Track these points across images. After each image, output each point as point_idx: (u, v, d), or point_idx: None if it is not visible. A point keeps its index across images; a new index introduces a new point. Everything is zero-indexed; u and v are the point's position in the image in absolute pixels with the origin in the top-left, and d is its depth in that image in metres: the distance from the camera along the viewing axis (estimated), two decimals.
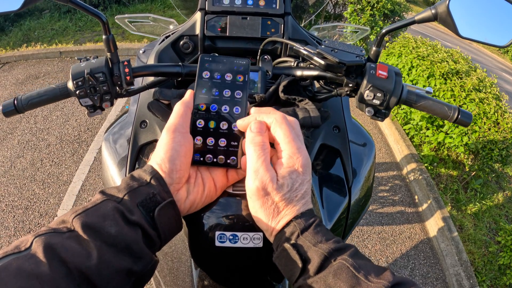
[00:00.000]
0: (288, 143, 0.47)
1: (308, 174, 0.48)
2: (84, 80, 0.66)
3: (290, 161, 0.47)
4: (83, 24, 6.07)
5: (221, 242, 0.56)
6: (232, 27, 0.87)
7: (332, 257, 0.43)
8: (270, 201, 0.47)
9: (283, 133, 0.48)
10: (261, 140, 0.48)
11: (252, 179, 0.47)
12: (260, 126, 0.49)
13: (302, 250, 0.44)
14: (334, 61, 0.66)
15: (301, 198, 0.47)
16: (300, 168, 0.47)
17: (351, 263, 0.41)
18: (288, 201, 0.47)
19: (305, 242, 0.45)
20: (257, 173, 0.46)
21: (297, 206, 0.47)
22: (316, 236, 0.45)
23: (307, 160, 0.48)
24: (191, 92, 0.55)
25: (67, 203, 2.73)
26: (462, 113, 0.69)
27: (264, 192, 0.46)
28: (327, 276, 0.41)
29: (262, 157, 0.47)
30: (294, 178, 0.47)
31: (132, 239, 0.42)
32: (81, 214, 0.42)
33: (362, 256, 0.45)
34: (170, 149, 0.49)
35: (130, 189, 0.46)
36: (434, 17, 0.65)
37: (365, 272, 0.41)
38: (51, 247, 0.37)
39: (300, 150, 0.48)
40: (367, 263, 0.42)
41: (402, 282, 0.40)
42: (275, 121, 0.49)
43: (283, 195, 0.46)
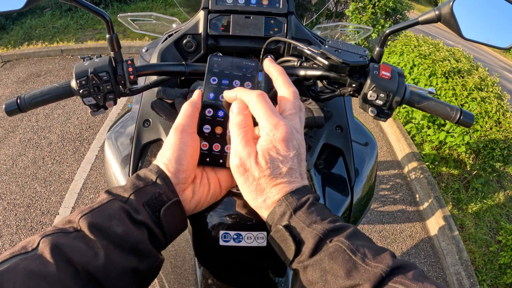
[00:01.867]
0: (266, 120, 0.45)
1: (292, 149, 0.45)
2: (88, 79, 0.66)
3: (267, 137, 0.45)
4: (84, 22, 6.06)
5: (225, 241, 0.56)
6: (235, 26, 0.87)
7: (327, 238, 0.41)
8: (251, 178, 0.46)
9: (259, 110, 0.46)
10: (241, 120, 0.48)
11: (232, 157, 0.47)
12: (240, 106, 0.49)
13: (296, 232, 0.43)
14: (337, 62, 0.66)
15: (287, 175, 0.45)
16: (279, 143, 0.45)
17: (348, 245, 0.40)
18: (269, 178, 0.45)
19: (298, 222, 0.43)
20: (236, 151, 0.46)
21: (283, 184, 0.45)
22: (310, 215, 0.43)
23: (289, 134, 0.45)
24: (199, 92, 0.55)
25: (69, 201, 2.74)
26: (464, 114, 0.69)
27: (244, 168, 0.46)
28: (322, 260, 0.40)
29: (241, 135, 0.47)
30: (273, 155, 0.45)
31: (138, 238, 0.43)
32: (87, 214, 0.42)
33: (361, 236, 0.43)
34: (177, 149, 0.49)
35: (136, 188, 0.46)
36: (438, 18, 0.65)
37: (362, 255, 0.39)
38: (58, 247, 0.38)
39: (279, 125, 0.45)
40: (366, 244, 0.41)
41: (402, 265, 0.39)
42: (250, 101, 0.47)
43: (262, 171, 0.45)
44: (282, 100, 0.50)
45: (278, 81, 0.52)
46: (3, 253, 0.37)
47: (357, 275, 0.38)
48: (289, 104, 0.49)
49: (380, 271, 0.37)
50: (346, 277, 0.38)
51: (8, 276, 0.34)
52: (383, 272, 0.37)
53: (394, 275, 0.38)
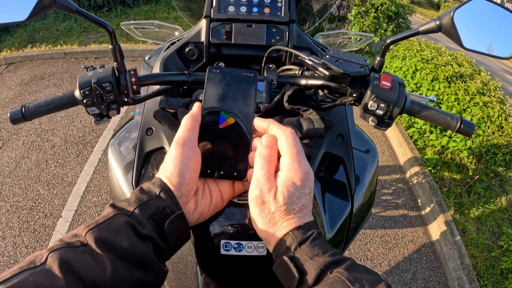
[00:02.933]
0: (290, 156, 0.49)
1: (307, 188, 0.49)
2: (91, 89, 0.67)
3: (289, 173, 0.48)
4: (87, 25, 6.09)
5: (226, 250, 0.57)
6: (237, 35, 0.88)
7: (328, 269, 0.44)
8: (266, 210, 0.48)
9: (287, 146, 0.49)
10: (268, 153, 0.50)
11: (253, 187, 0.49)
12: (270, 140, 0.51)
13: (299, 263, 0.45)
14: (338, 72, 0.66)
15: (299, 211, 0.48)
16: (298, 181, 0.48)
17: (346, 276, 0.42)
18: (284, 213, 0.48)
19: (302, 255, 0.46)
20: (258, 182, 0.49)
21: (294, 219, 0.48)
22: (313, 249, 0.46)
23: (307, 174, 0.49)
24: (198, 105, 0.55)
25: (72, 204, 2.75)
26: (465, 123, 0.70)
27: (262, 201, 0.48)
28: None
29: (265, 169, 0.49)
30: (291, 191, 0.48)
31: (143, 252, 0.44)
32: (93, 228, 0.43)
33: (359, 269, 0.45)
34: (179, 163, 0.50)
35: (140, 202, 0.47)
36: (439, 28, 0.65)
37: (360, 285, 0.41)
38: (66, 261, 0.38)
39: (301, 165, 0.49)
40: (363, 276, 0.43)
41: None
42: (283, 134, 0.51)
43: (279, 206, 0.47)
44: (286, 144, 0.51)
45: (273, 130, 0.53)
46: (11, 268, 0.38)
47: None
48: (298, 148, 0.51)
49: None
50: None
51: None
52: None
53: None
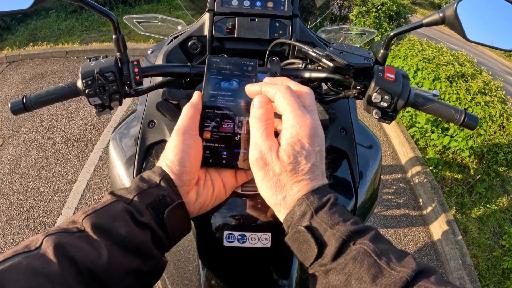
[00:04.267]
0: (291, 112, 0.44)
1: (316, 145, 0.44)
2: (94, 79, 0.66)
3: (293, 130, 0.43)
4: (89, 24, 6.10)
5: (230, 242, 0.56)
6: (241, 29, 0.87)
7: (351, 240, 0.40)
8: (271, 173, 0.44)
9: (285, 103, 0.45)
10: (262, 113, 0.47)
11: (252, 150, 0.46)
12: (262, 100, 0.48)
13: (318, 233, 0.41)
14: (342, 64, 0.66)
15: (310, 172, 0.43)
16: (305, 138, 0.43)
17: (373, 249, 0.38)
18: (291, 174, 0.43)
19: (320, 223, 0.41)
20: (256, 144, 0.45)
21: (305, 181, 0.43)
22: (333, 216, 0.41)
23: (315, 130, 0.44)
24: (199, 93, 0.55)
25: (72, 201, 2.75)
26: (469, 116, 0.69)
27: (264, 162, 0.44)
28: (347, 263, 0.38)
29: (261, 128, 0.46)
30: (297, 150, 0.43)
31: (141, 240, 0.43)
32: (91, 214, 0.42)
33: (383, 239, 0.41)
34: (180, 152, 0.49)
35: (140, 190, 0.46)
36: (442, 20, 0.65)
37: (387, 259, 0.38)
38: (61, 246, 0.38)
39: (305, 119, 0.44)
40: (389, 248, 0.39)
41: (424, 269, 0.38)
42: (277, 92, 0.46)
43: (284, 166, 0.43)
44: (301, 98, 0.48)
45: (290, 84, 0.50)
46: (6, 252, 0.37)
47: (383, 280, 0.37)
48: (308, 101, 0.48)
49: (405, 276, 0.36)
50: (371, 281, 0.37)
51: (11, 274, 0.34)
52: (408, 277, 0.36)
53: (417, 279, 0.37)
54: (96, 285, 0.38)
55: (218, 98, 0.55)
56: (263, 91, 0.49)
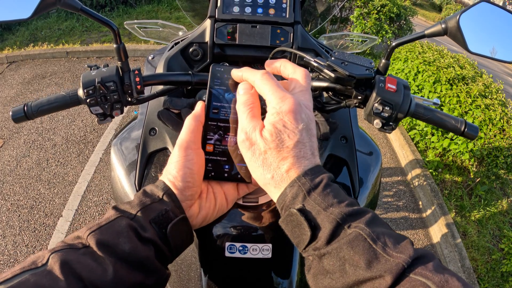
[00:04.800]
0: (272, 95, 0.45)
1: (300, 122, 0.44)
2: (95, 88, 0.67)
3: (273, 110, 0.44)
4: (90, 25, 6.10)
5: (231, 252, 0.56)
6: (242, 35, 0.87)
7: (345, 223, 0.39)
8: (257, 152, 0.44)
9: (264, 87, 0.46)
10: (246, 98, 0.48)
11: (239, 132, 0.47)
12: (245, 87, 0.49)
13: (311, 216, 0.40)
14: (344, 74, 0.66)
15: (295, 148, 0.43)
16: (286, 116, 0.43)
17: (368, 233, 0.37)
18: (276, 151, 0.43)
19: (313, 205, 0.40)
20: (242, 126, 0.46)
21: (292, 158, 0.43)
22: (326, 198, 0.40)
23: (296, 107, 0.44)
24: (202, 104, 0.54)
25: (73, 203, 2.75)
26: (469, 126, 0.69)
27: (250, 142, 0.45)
28: (341, 248, 0.38)
29: (246, 112, 0.47)
30: (279, 128, 0.43)
31: (145, 255, 0.43)
32: (95, 231, 0.42)
33: (380, 222, 0.40)
34: (182, 167, 0.49)
35: (143, 205, 0.46)
36: (444, 31, 0.65)
37: (383, 244, 0.37)
38: (67, 263, 0.38)
39: (285, 98, 0.44)
40: (386, 232, 0.38)
41: (422, 255, 0.36)
42: (256, 80, 0.47)
43: (268, 143, 0.43)
44: (293, 80, 0.49)
45: (287, 67, 0.51)
46: (13, 268, 0.38)
47: (378, 266, 0.36)
48: (299, 82, 0.48)
49: (402, 262, 0.35)
50: (366, 267, 0.36)
51: None
52: (405, 263, 0.35)
53: (415, 265, 0.35)
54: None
55: (222, 110, 0.54)
56: (244, 77, 0.50)
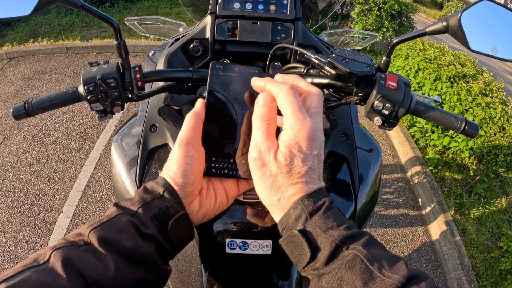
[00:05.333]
0: (291, 115, 0.44)
1: (314, 148, 0.44)
2: (96, 85, 0.67)
3: (291, 132, 0.44)
4: (89, 20, 6.08)
5: (231, 248, 0.57)
6: (242, 32, 0.87)
7: (344, 245, 0.40)
8: (268, 173, 0.45)
9: (286, 104, 0.45)
10: (265, 112, 0.47)
11: (252, 148, 0.46)
12: (266, 98, 0.48)
13: (311, 237, 0.41)
14: (345, 71, 0.66)
15: (305, 175, 0.44)
16: (302, 141, 0.43)
17: (365, 254, 0.39)
18: (287, 176, 0.43)
19: (314, 228, 0.41)
20: (256, 143, 0.46)
21: (301, 184, 0.43)
22: (327, 221, 0.41)
23: (313, 132, 0.44)
24: (202, 102, 0.54)
25: (73, 199, 2.75)
26: (469, 124, 0.70)
27: (262, 162, 0.45)
28: (339, 268, 0.39)
29: (263, 128, 0.46)
30: (293, 152, 0.43)
31: (146, 251, 0.43)
32: (97, 228, 0.43)
33: (377, 244, 0.42)
34: (183, 164, 0.49)
35: (144, 202, 0.47)
36: (445, 29, 0.65)
37: (379, 265, 0.38)
38: (69, 260, 0.38)
39: (304, 122, 0.43)
40: (382, 253, 0.40)
41: (415, 275, 0.38)
42: (280, 92, 0.46)
43: (280, 168, 0.43)
44: (308, 98, 0.48)
45: (300, 85, 0.50)
46: (14, 266, 0.38)
47: (374, 286, 0.37)
48: (314, 103, 0.48)
49: (396, 282, 0.36)
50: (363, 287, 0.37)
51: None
52: (399, 283, 0.36)
53: (408, 285, 0.37)
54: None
55: (221, 107, 0.54)
56: (267, 88, 0.48)
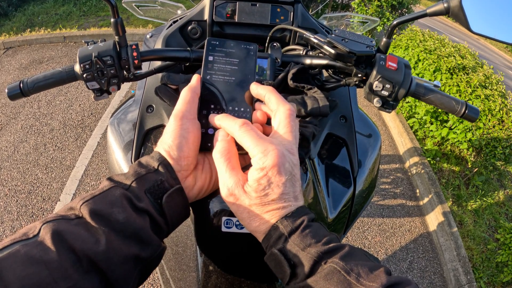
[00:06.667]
0: (254, 147, 0.44)
1: (284, 174, 0.44)
2: (92, 63, 0.66)
3: (257, 165, 0.44)
4: (87, 9, 6.02)
5: (228, 227, 0.56)
6: (241, 13, 0.86)
7: (322, 260, 0.42)
8: (242, 205, 0.46)
9: (246, 139, 0.46)
10: (222, 146, 0.47)
11: (221, 186, 0.47)
12: (222, 134, 0.49)
13: (291, 255, 0.43)
14: (344, 51, 0.65)
15: (279, 200, 0.44)
16: (270, 171, 0.44)
17: (342, 266, 0.40)
18: (261, 205, 0.45)
19: (293, 246, 0.43)
20: (223, 180, 0.46)
21: (277, 209, 0.45)
22: (305, 239, 0.43)
23: (280, 159, 0.44)
24: (197, 77, 0.54)
25: (70, 187, 2.75)
26: (470, 108, 0.69)
27: (234, 197, 0.46)
28: (318, 281, 0.40)
29: (225, 163, 0.46)
30: (263, 183, 0.44)
31: (140, 226, 0.42)
32: (89, 201, 0.41)
33: (356, 256, 0.43)
34: (178, 136, 0.48)
35: (138, 175, 0.46)
36: (446, 11, 0.64)
37: (356, 275, 0.39)
38: (59, 233, 0.37)
39: (269, 151, 0.44)
40: (360, 263, 0.41)
41: (396, 282, 0.38)
42: (235, 131, 0.47)
43: (252, 199, 0.45)
44: (277, 119, 0.48)
45: (271, 100, 0.50)
46: (3, 240, 0.37)
47: None
48: (283, 123, 0.48)
49: None
50: None
51: (8, 262, 0.34)
52: None
53: None
54: (94, 272, 0.38)
55: (217, 82, 0.54)
56: (222, 127, 0.49)
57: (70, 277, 0.36)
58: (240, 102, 0.54)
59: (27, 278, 0.33)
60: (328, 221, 0.76)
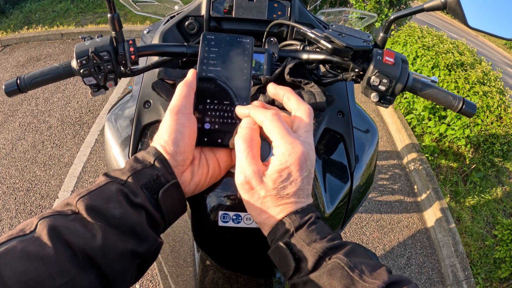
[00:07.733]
0: (281, 139, 0.45)
1: (305, 171, 0.45)
2: (89, 58, 0.65)
3: (282, 157, 0.45)
4: (84, 6, 6.00)
5: (224, 222, 0.56)
6: (238, 9, 0.86)
7: (326, 255, 0.42)
8: (256, 196, 0.46)
9: (274, 130, 0.46)
10: (247, 133, 0.48)
11: (238, 172, 0.47)
12: (249, 121, 0.49)
13: (296, 249, 0.44)
14: (341, 45, 0.65)
15: (294, 195, 0.45)
16: (293, 165, 0.44)
17: (346, 262, 0.41)
18: (276, 198, 0.45)
19: (299, 241, 0.44)
20: (242, 167, 0.46)
21: (289, 204, 0.46)
22: (310, 234, 0.44)
23: (304, 156, 0.45)
24: (193, 71, 0.54)
25: (68, 185, 2.75)
26: (467, 104, 0.69)
27: (249, 186, 0.46)
28: (321, 276, 0.41)
29: (246, 151, 0.46)
30: (283, 176, 0.45)
31: (136, 221, 0.42)
32: (85, 196, 0.41)
33: (359, 253, 0.44)
34: (174, 131, 0.48)
35: (134, 171, 0.45)
36: (444, 5, 0.63)
37: (359, 271, 0.40)
38: (55, 229, 0.37)
39: (295, 146, 0.45)
40: (363, 261, 0.42)
41: (397, 281, 0.40)
42: (265, 120, 0.47)
43: (269, 191, 0.45)
44: (297, 118, 0.49)
45: (290, 100, 0.51)
46: (1, 236, 0.37)
47: None
48: (303, 121, 0.49)
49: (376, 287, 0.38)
50: None
51: (5, 258, 0.34)
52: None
53: None
54: (91, 267, 0.38)
55: (213, 77, 0.54)
56: (251, 115, 0.50)
57: (66, 272, 0.36)
58: (236, 96, 0.54)
59: (24, 274, 0.34)
60: (325, 216, 0.76)
